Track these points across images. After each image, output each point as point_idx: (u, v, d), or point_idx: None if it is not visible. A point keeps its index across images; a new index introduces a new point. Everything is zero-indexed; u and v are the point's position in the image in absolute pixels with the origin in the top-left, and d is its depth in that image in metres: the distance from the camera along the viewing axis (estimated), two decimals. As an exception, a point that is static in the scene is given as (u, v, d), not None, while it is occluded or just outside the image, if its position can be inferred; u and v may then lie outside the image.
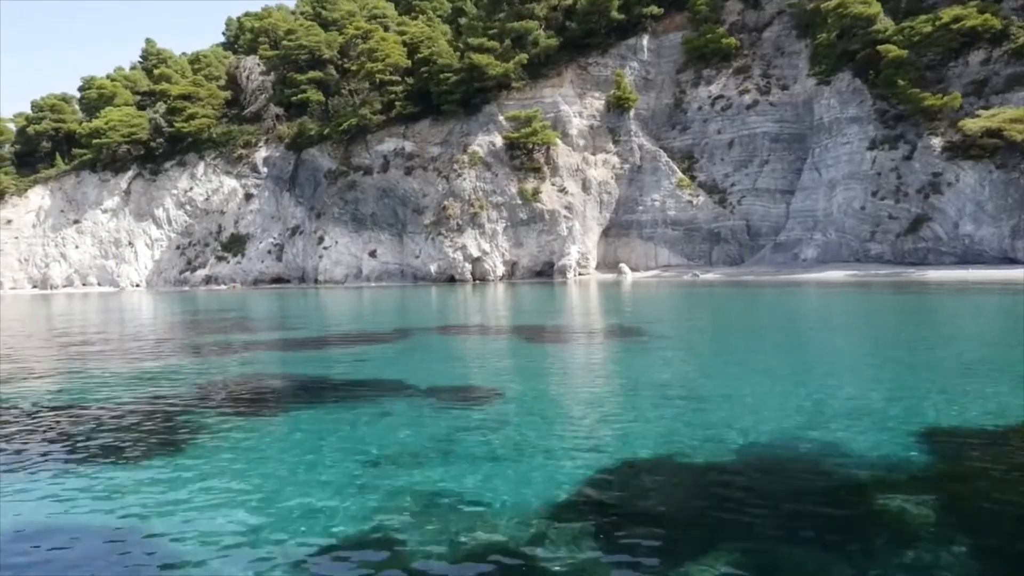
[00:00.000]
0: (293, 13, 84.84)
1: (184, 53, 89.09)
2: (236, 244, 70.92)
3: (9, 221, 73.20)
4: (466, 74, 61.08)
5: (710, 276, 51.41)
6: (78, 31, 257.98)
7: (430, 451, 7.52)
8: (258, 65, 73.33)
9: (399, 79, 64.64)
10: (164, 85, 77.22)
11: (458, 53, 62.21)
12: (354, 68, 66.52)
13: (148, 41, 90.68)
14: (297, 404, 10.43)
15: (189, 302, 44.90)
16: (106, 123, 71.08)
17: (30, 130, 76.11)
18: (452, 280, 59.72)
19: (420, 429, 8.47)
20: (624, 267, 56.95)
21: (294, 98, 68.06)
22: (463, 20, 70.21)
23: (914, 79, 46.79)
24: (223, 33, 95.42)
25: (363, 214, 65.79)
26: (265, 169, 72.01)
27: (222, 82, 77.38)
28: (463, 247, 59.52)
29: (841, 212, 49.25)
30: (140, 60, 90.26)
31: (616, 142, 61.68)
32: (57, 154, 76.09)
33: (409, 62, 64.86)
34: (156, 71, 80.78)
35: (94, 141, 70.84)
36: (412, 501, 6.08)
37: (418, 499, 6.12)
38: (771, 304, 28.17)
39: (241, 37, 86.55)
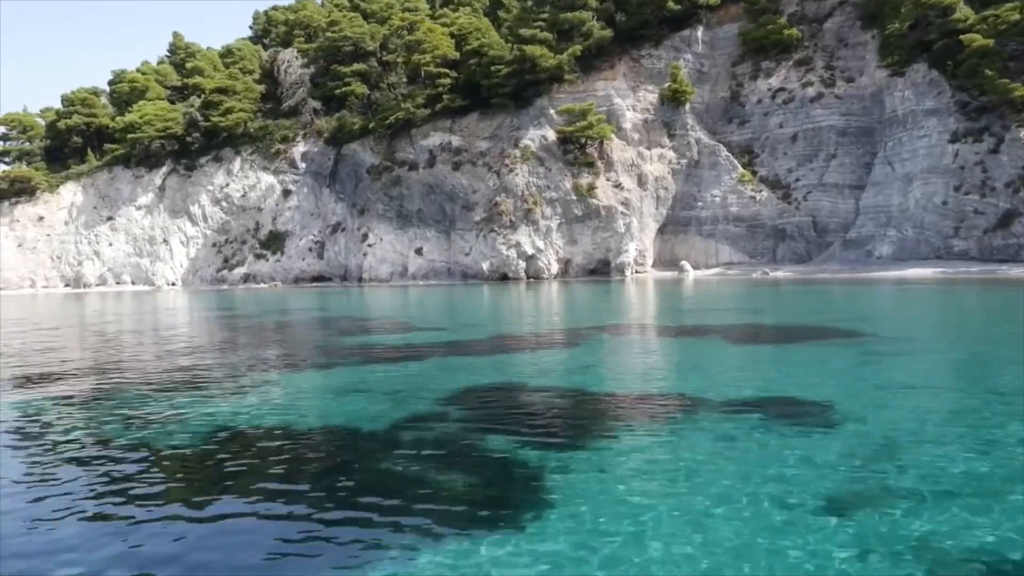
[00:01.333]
0: (324, 5, 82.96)
1: (210, 48, 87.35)
2: (275, 242, 69.14)
3: (40, 218, 71.39)
4: (517, 66, 59.31)
5: (780, 274, 49.73)
6: (98, 27, 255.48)
7: (852, 486, 5.87)
8: (296, 58, 71.45)
9: (447, 72, 62.76)
10: (197, 79, 75.46)
11: (509, 45, 60.37)
12: (400, 60, 64.71)
13: (175, 35, 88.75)
14: (641, 423, 8.67)
15: (254, 303, 43.08)
16: (140, 117, 69.25)
17: (61, 125, 74.21)
18: (505, 278, 57.98)
19: (809, 457, 6.71)
20: (686, 265, 55.22)
21: (337, 91, 66.24)
22: (502, 13, 68.53)
23: (998, 69, 45.11)
24: (250, 27, 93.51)
25: (408, 210, 64.03)
26: (303, 165, 70.22)
27: (256, 76, 75.56)
28: (517, 244, 57.78)
29: (919, 207, 47.53)
30: (168, 54, 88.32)
31: (671, 136, 59.96)
32: (89, 149, 74.23)
33: (457, 54, 63.02)
34: (188, 64, 78.95)
35: (129, 136, 69.01)
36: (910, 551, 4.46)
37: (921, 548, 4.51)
38: (917, 303, 26.45)
39: (272, 31, 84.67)
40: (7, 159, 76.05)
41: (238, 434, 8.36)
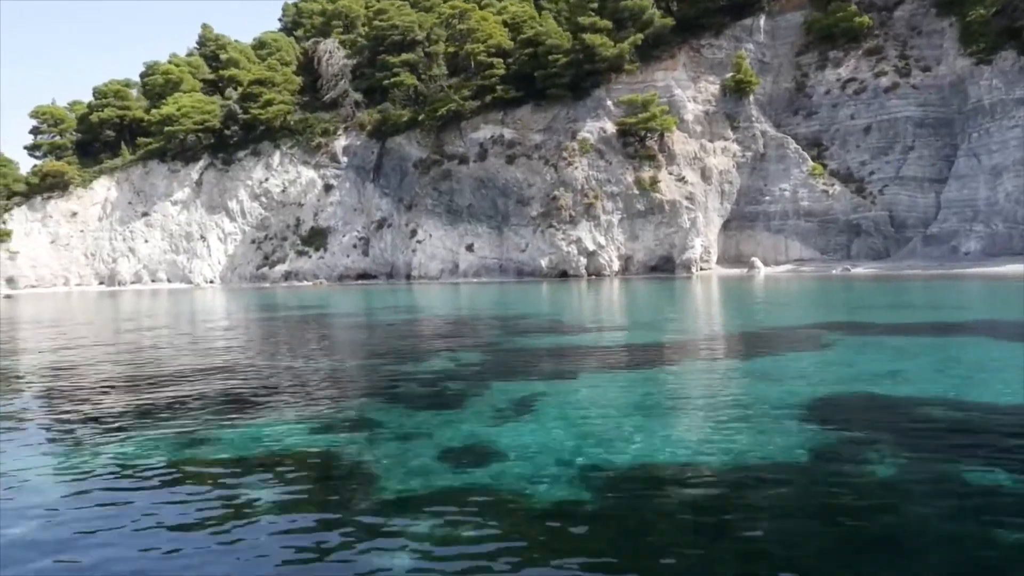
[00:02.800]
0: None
1: (237, 40, 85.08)
2: (317, 238, 66.97)
3: (74, 214, 69.21)
4: (576, 56, 57.17)
5: (860, 271, 47.60)
6: (120, 21, 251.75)
7: None
8: (338, 48, 69.23)
9: (501, 62, 60.60)
10: (232, 71, 73.30)
11: (566, 34, 58.19)
12: (450, 50, 62.54)
13: (204, 27, 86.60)
14: None
15: (325, 301, 40.91)
16: (178, 109, 67.06)
17: (93, 118, 71.99)
18: (564, 275, 55.86)
19: None
20: (757, 261, 53.07)
21: (385, 82, 63.99)
22: (545, 2, 66.46)
23: (1099, 56, 43.03)
24: (279, 19, 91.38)
25: (459, 206, 61.86)
26: (345, 159, 68.09)
27: (292, 68, 73.36)
28: (577, 240, 55.66)
29: (1011, 201, 45.43)
30: (196, 46, 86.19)
31: (735, 128, 57.84)
32: (122, 143, 72.05)
33: (511, 43, 60.88)
34: (222, 56, 76.75)
35: (166, 129, 66.82)
36: None
37: None
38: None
39: (304, 22, 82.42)
40: (37, 153, 73.84)
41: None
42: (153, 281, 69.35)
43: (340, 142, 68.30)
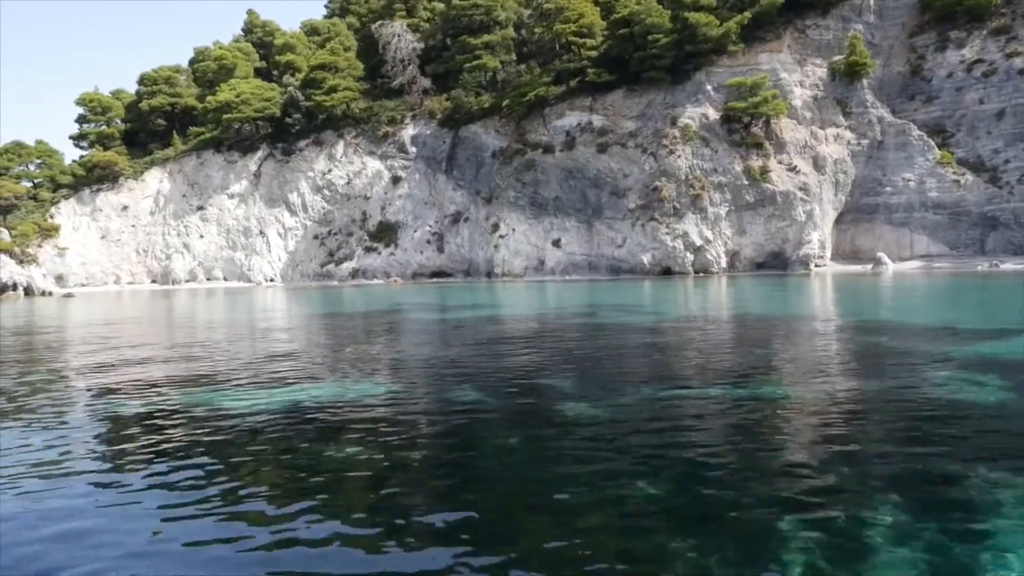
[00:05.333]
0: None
1: (287, 29, 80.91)
2: (386, 233, 62.75)
3: (125, 207, 64.97)
4: (677, 36, 53.11)
5: (1010, 267, 43.50)
6: (154, 10, 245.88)
7: None
8: (406, 31, 65.01)
9: (593, 43, 56.51)
10: (289, 56, 69.10)
11: (667, 12, 54.08)
12: (537, 31, 58.40)
13: (250, 12, 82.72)
14: None
15: (421, 298, 36.71)
16: (237, 96, 62.78)
17: (143, 105, 67.71)
18: (668, 272, 51.74)
19: None
20: (884, 257, 48.95)
21: (467, 65, 59.77)
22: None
23: None
24: (326, 6, 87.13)
25: (544, 198, 57.70)
26: (414, 149, 63.93)
27: (351, 53, 69.13)
28: (684, 234, 51.56)
29: None
30: (243, 33, 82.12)
31: (847, 114, 53.77)
32: (174, 132, 67.82)
33: (604, 23, 56.76)
34: (276, 41, 72.60)
35: (225, 116, 62.54)
36: None
37: None
38: None
39: (357, 7, 78.08)
40: (83, 143, 69.56)
41: None
42: (208, 279, 65.13)
43: (408, 131, 64.15)
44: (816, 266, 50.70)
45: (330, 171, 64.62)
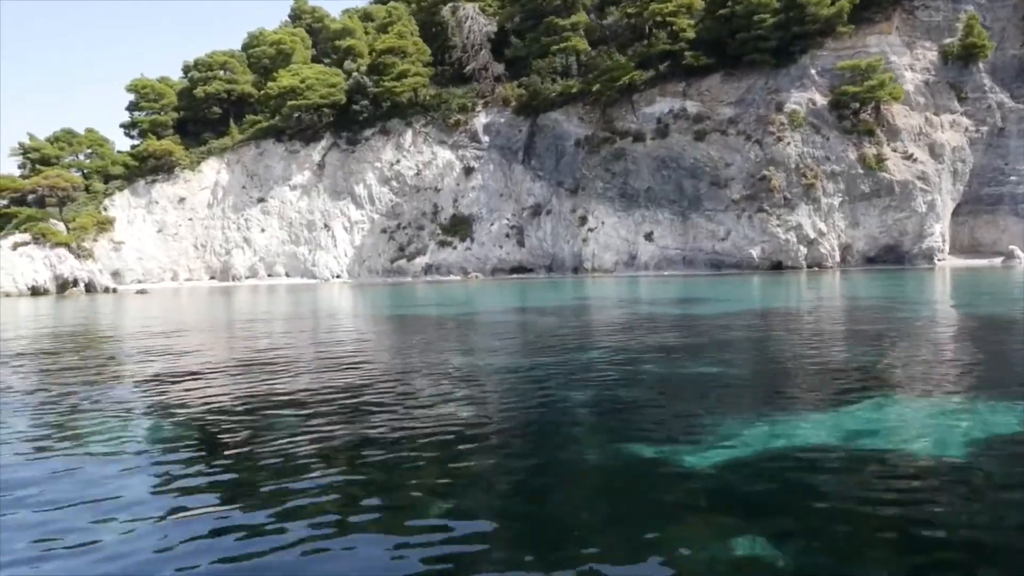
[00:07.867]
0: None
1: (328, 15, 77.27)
2: (460, 227, 59.42)
3: (181, 199, 61.48)
4: (784, 16, 50.00)
5: None
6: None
7: None
8: (479, 14, 61.64)
9: (690, 24, 53.37)
10: (350, 40, 65.64)
11: (773, -10, 50.92)
12: (629, 11, 55.18)
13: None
14: None
15: (660, 287, 33.40)
16: (301, 82, 59.33)
17: (198, 92, 64.11)
18: (778, 267, 48.63)
19: None
20: (1017, 251, 45.97)
21: (553, 48, 56.51)
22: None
23: None
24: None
25: (634, 189, 54.48)
26: (487, 138, 60.64)
27: (415, 37, 65.69)
28: (797, 226, 48.45)
29: None
30: (289, 20, 78.60)
31: (962, 100, 50.85)
32: (230, 120, 64.36)
33: (702, 2, 53.64)
34: (332, 26, 69.17)
35: (289, 103, 59.10)
36: None
37: None
38: None
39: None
40: (134, 132, 66.01)
41: None
42: (270, 275, 61.69)
43: (480, 119, 60.86)
44: (938, 260, 47.73)
45: (398, 161, 61.27)
